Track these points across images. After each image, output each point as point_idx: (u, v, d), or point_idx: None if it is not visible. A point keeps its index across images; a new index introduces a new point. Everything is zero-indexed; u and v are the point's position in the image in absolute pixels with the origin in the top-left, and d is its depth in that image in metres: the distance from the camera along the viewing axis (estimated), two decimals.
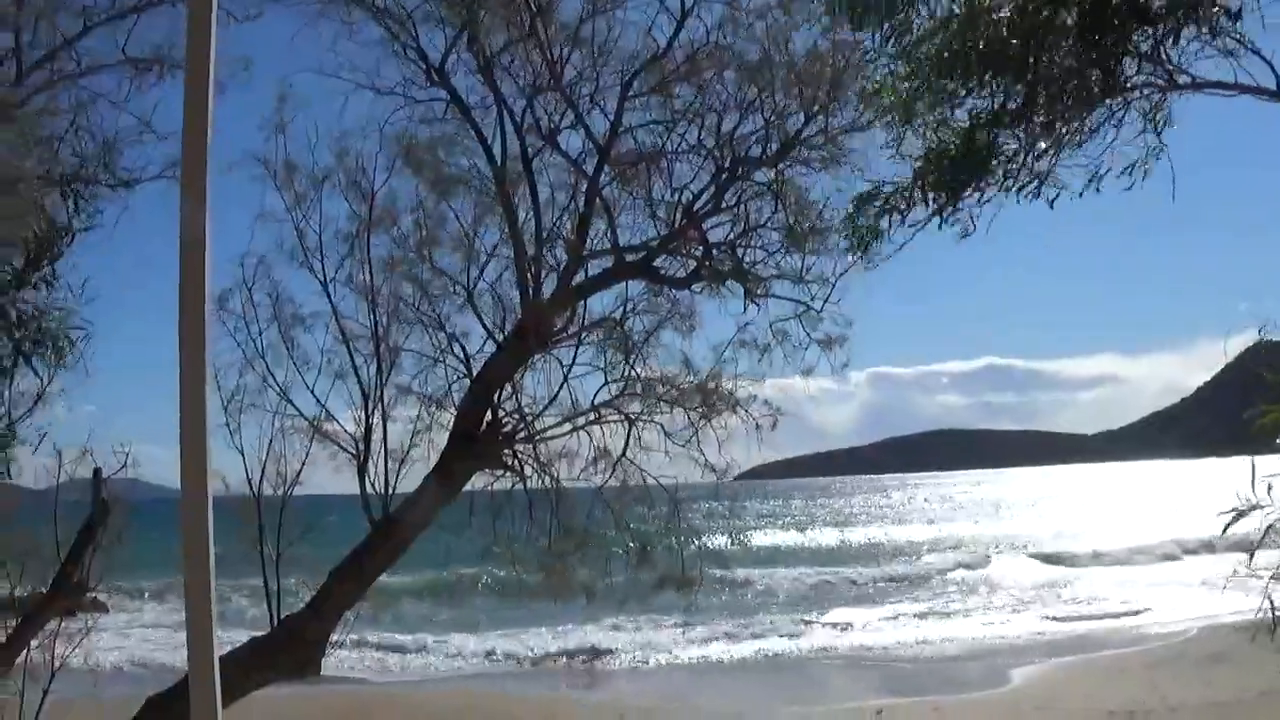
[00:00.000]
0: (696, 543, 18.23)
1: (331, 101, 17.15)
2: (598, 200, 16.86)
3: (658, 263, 17.26)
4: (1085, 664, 36.46)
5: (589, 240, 16.96)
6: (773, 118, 16.77)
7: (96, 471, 15.49)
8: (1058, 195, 11.81)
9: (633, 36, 16.75)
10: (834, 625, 48.47)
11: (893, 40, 11.68)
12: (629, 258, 17.03)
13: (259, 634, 16.13)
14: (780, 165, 16.86)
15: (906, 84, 11.76)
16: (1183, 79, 11.14)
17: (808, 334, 17.10)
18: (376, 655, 39.72)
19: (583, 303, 17.27)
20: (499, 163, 16.73)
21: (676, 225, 16.99)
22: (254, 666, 15.32)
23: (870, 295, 17.00)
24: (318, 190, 17.06)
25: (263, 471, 16.32)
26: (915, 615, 51.57)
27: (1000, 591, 59.27)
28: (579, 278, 16.99)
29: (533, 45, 16.65)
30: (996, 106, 11.45)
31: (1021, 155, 11.63)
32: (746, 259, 17.08)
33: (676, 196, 17.13)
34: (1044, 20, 10.67)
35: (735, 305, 17.21)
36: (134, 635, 44.16)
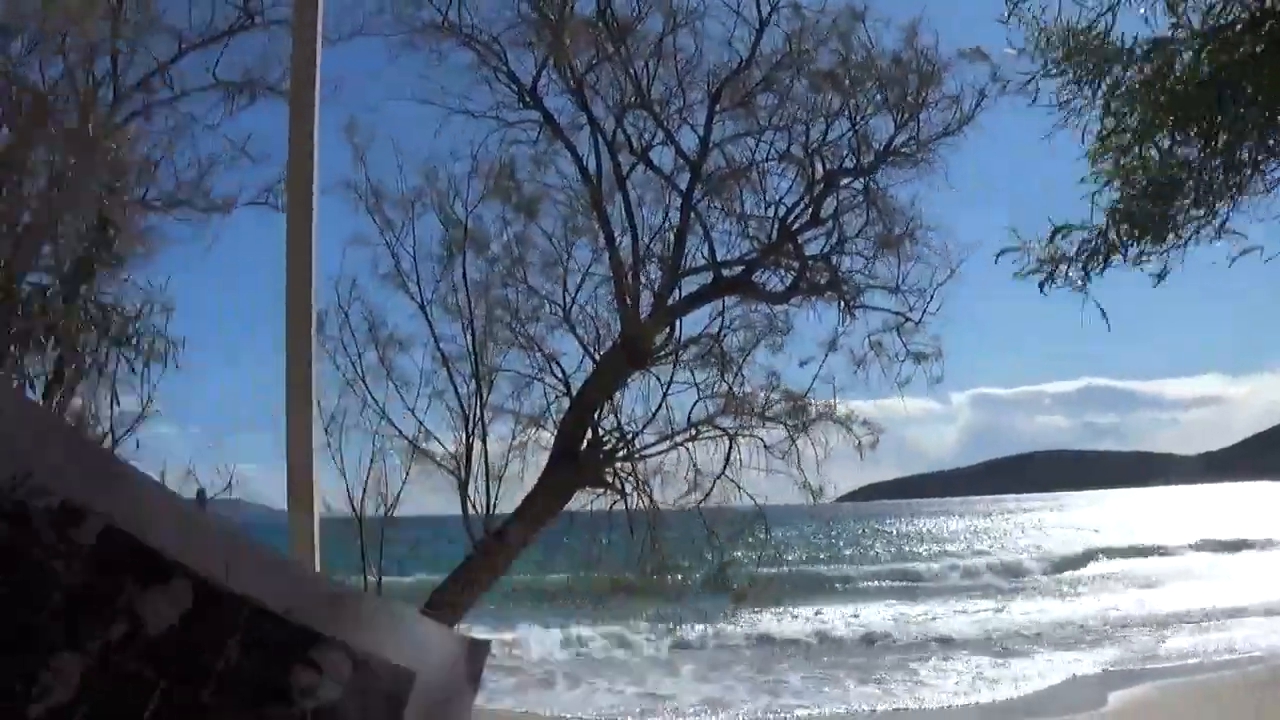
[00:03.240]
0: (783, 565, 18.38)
1: (422, 127, 17.31)
2: (692, 216, 16.85)
3: (753, 277, 17.22)
4: (1185, 686, 35.60)
5: (685, 256, 16.95)
6: (860, 123, 16.76)
7: (200, 492, 15.53)
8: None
9: (716, 50, 16.84)
10: None
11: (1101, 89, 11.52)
12: (726, 273, 17.01)
13: None
14: (873, 173, 16.84)
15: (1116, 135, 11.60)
16: None
17: (904, 345, 17.04)
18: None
19: (679, 320, 17.23)
20: (594, 182, 16.78)
21: (772, 239, 16.95)
22: None
23: (970, 313, 16.93)
24: (409, 214, 17.19)
25: (364, 492, 16.39)
26: None
27: None
28: (674, 294, 16.97)
29: (619, 64, 16.72)
30: (1183, 152, 11.29)
31: (1208, 200, 11.43)
32: (842, 270, 17.04)
33: (772, 210, 17.13)
34: (1231, 62, 10.46)
35: (830, 319, 17.17)
36: None
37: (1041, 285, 12.29)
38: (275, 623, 3.47)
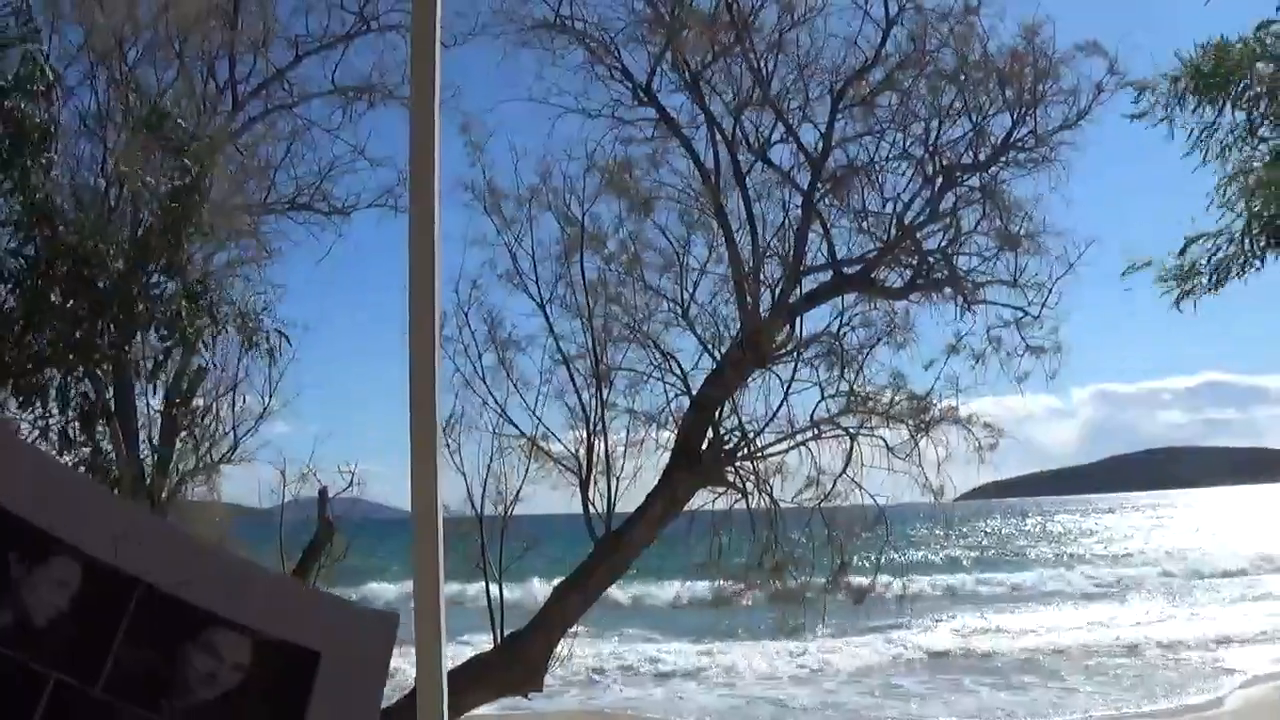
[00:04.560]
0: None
1: (537, 126, 17.41)
2: (812, 213, 16.75)
3: (873, 274, 17.10)
4: None
5: (805, 254, 16.85)
6: (979, 120, 16.62)
7: (322, 491, 15.70)
8: None
9: (834, 46, 16.75)
10: None
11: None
12: (846, 270, 16.90)
13: (483, 651, 16.28)
14: (992, 169, 16.69)
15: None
16: None
17: (1023, 339, 16.85)
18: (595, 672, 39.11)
19: (799, 317, 17.14)
20: (712, 179, 16.74)
21: (891, 236, 16.83)
22: (478, 683, 15.45)
23: (1091, 308, 16.69)
24: (526, 214, 17.22)
25: (484, 491, 16.45)
26: None
27: None
28: (795, 292, 16.88)
29: (737, 60, 16.68)
30: None
31: None
32: (960, 266, 16.88)
33: (892, 207, 17.01)
34: None
35: (949, 315, 17.02)
36: None
37: (1178, 301, 12.04)
38: (169, 604, 3.29)
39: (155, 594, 3.26)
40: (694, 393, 16.91)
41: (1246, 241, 11.47)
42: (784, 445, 16.94)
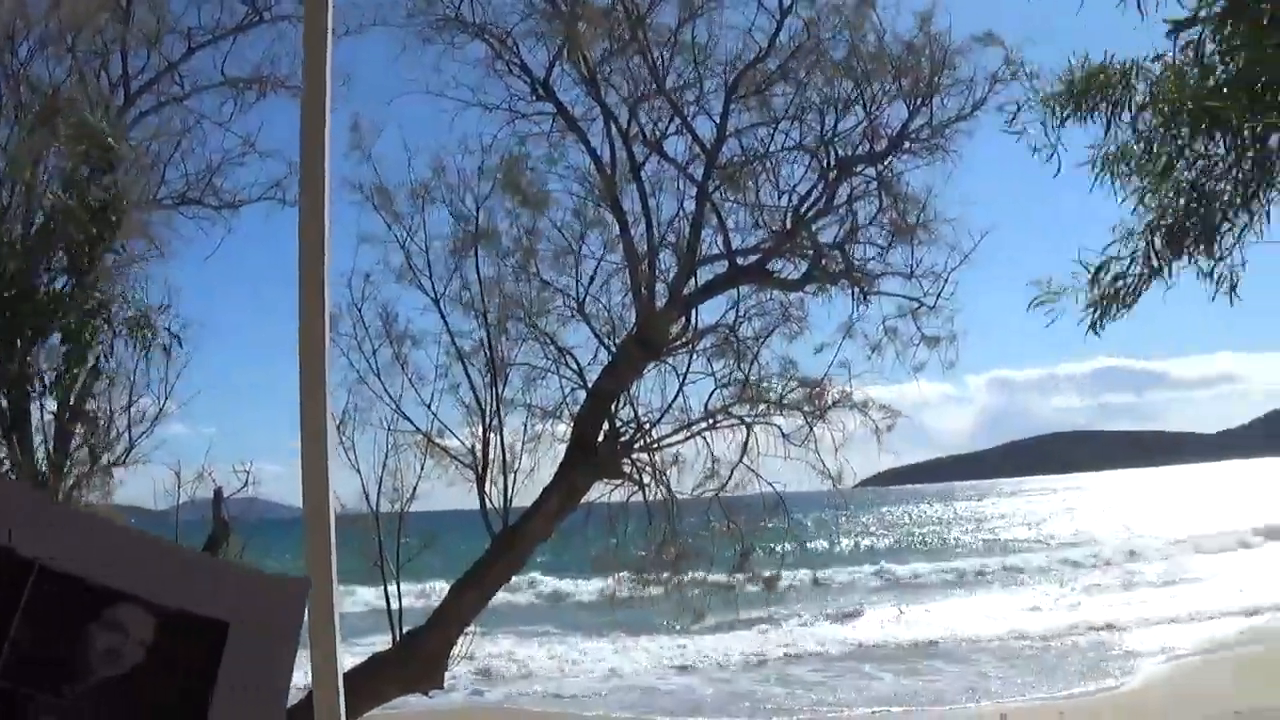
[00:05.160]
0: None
1: (435, 121, 17.33)
2: (707, 205, 16.79)
3: (768, 266, 17.16)
4: (1209, 663, 35.20)
5: (700, 246, 16.87)
6: (873, 110, 16.72)
7: (217, 491, 15.55)
8: None
9: (732, 39, 16.79)
10: None
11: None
12: (741, 262, 16.95)
13: (380, 650, 16.19)
14: (887, 160, 16.79)
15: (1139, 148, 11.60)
16: None
17: (919, 330, 16.99)
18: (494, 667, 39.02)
19: (694, 309, 17.17)
20: (609, 172, 16.73)
21: (786, 227, 16.88)
22: (377, 682, 15.38)
23: (984, 296, 16.82)
24: (420, 209, 17.14)
25: (379, 488, 16.34)
26: None
27: None
28: (690, 284, 16.91)
29: (634, 53, 16.68)
30: (1212, 165, 11.30)
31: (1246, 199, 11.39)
32: (856, 256, 16.98)
33: (787, 199, 17.07)
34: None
35: (844, 305, 17.13)
36: None
37: (1094, 326, 12.16)
38: (67, 585, 3.23)
39: (53, 576, 3.20)
40: (590, 386, 16.90)
41: (1152, 256, 11.59)
42: (680, 436, 16.99)
